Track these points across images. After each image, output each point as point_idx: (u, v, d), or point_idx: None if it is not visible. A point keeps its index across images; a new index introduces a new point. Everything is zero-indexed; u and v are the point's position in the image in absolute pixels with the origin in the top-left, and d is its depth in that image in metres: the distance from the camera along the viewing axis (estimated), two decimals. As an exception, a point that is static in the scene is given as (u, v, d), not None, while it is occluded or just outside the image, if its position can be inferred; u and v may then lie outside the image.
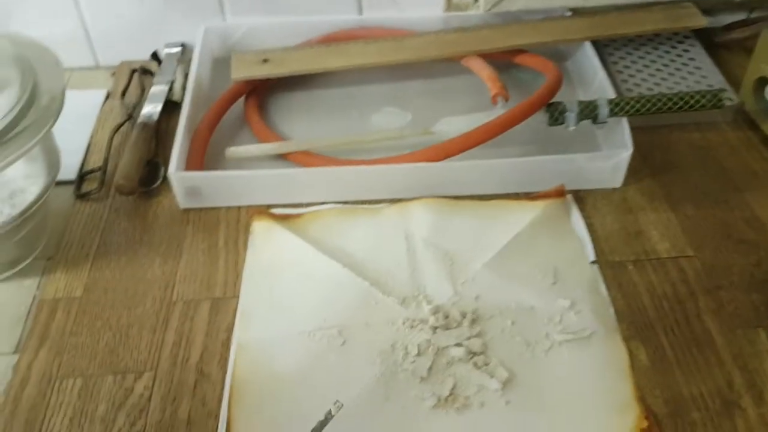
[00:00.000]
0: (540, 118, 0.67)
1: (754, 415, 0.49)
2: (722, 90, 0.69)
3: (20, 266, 0.61)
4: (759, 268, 0.59)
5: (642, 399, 0.49)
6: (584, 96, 0.77)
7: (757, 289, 0.57)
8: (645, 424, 0.48)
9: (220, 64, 0.80)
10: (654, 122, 0.73)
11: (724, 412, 0.49)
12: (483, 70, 0.73)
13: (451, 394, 0.50)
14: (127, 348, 0.54)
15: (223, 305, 0.57)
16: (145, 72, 0.82)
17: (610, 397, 0.50)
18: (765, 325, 0.54)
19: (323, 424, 0.44)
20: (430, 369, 0.51)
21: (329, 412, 0.44)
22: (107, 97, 0.81)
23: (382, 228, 0.62)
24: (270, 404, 0.50)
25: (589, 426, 0.48)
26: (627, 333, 0.54)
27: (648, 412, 0.49)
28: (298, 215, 0.64)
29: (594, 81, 0.74)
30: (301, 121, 0.76)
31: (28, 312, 0.57)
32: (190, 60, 0.77)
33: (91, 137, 0.75)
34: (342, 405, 0.44)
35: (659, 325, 0.55)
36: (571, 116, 0.66)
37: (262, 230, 0.62)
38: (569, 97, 0.75)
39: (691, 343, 0.53)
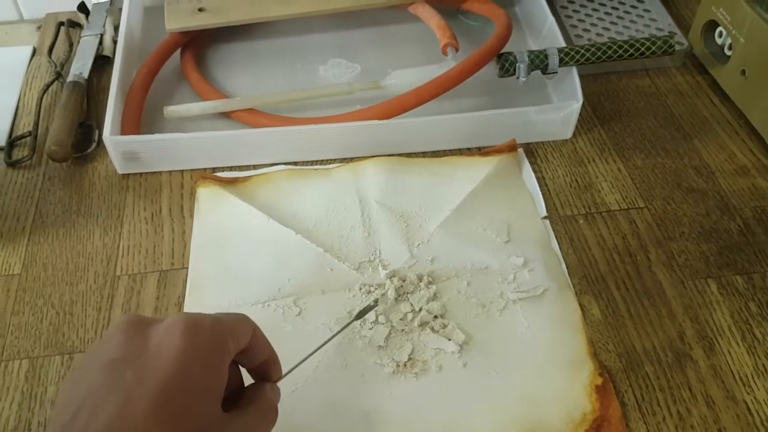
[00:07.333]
0: (491, 69, 0.65)
1: (705, 366, 0.50)
2: (672, 34, 0.68)
3: (-49, 243, 0.57)
4: (708, 217, 0.59)
5: (595, 355, 0.50)
6: (534, 42, 0.75)
7: (707, 239, 0.58)
8: (600, 380, 0.48)
9: (153, 13, 0.76)
10: (603, 69, 0.72)
11: (676, 365, 0.50)
12: (431, 18, 0.71)
13: (409, 359, 0.50)
14: (72, 327, 0.52)
15: (171, 277, 0.55)
16: (73, 25, 0.77)
17: (565, 354, 0.50)
18: (715, 276, 0.55)
19: (367, 309, 0.50)
20: (387, 337, 0.50)
21: (375, 301, 0.51)
22: (34, 53, 0.76)
23: (335, 190, 0.60)
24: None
25: (545, 384, 0.48)
26: (579, 288, 0.54)
27: (602, 368, 0.49)
28: (246, 179, 0.61)
29: (544, 26, 0.72)
30: (243, 75, 0.72)
31: (-36, 292, 0.54)
32: (120, 10, 0.72)
33: (19, 99, 0.70)
34: (378, 299, 0.51)
35: (611, 278, 0.55)
36: (521, 67, 0.64)
37: (207, 196, 0.60)
38: (519, 44, 0.73)
39: (643, 296, 0.54)
